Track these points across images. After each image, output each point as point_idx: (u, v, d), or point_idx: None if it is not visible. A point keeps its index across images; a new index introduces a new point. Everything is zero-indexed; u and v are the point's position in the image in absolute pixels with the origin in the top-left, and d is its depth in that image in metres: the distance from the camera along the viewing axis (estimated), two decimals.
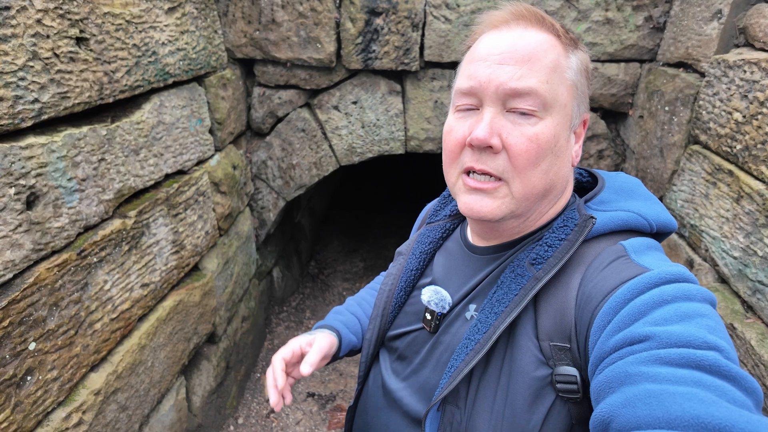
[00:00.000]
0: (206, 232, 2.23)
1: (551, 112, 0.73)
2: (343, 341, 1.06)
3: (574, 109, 0.77)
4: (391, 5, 2.40)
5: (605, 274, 0.68)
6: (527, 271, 0.75)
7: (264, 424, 2.79)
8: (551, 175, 0.76)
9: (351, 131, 2.78)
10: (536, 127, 0.72)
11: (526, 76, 0.71)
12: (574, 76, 0.76)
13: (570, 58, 0.76)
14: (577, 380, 0.68)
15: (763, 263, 1.55)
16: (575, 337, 0.69)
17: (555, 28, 0.76)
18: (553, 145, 0.74)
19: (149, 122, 1.76)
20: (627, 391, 0.54)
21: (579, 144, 0.82)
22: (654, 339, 0.56)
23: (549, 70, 0.73)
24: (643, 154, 2.44)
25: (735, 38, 1.93)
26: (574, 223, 0.76)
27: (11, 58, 1.17)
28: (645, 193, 0.84)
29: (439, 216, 1.04)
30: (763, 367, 1.45)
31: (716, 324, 0.58)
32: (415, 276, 0.98)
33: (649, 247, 0.73)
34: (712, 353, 0.53)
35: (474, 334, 0.76)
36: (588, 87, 0.81)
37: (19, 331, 1.21)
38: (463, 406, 0.76)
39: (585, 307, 0.68)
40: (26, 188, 1.23)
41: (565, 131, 0.76)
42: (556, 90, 0.73)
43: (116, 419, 1.61)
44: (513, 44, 0.73)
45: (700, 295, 0.61)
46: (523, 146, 0.72)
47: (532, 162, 0.72)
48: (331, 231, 4.90)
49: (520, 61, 0.71)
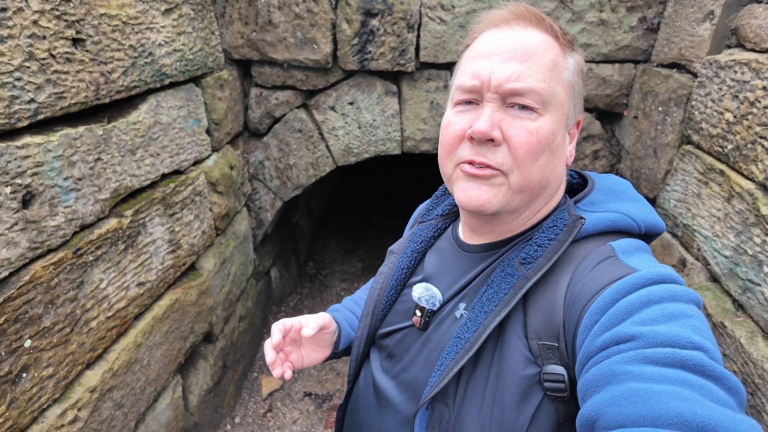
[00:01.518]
0: (203, 232, 2.24)
1: (549, 110, 0.75)
2: (342, 333, 1.08)
3: (570, 109, 0.79)
4: (387, 6, 2.42)
5: (594, 274, 0.70)
6: (517, 270, 0.76)
7: (261, 423, 2.80)
8: (548, 172, 0.78)
9: (348, 132, 2.80)
10: (536, 122, 0.74)
11: (526, 74, 0.73)
12: (571, 76, 0.78)
13: (567, 59, 0.78)
14: (565, 379, 0.69)
15: (753, 262, 1.56)
16: (563, 336, 0.70)
17: (553, 29, 0.78)
18: (551, 141, 0.76)
19: (146, 122, 1.78)
20: (613, 390, 0.55)
21: (573, 145, 0.84)
22: (640, 339, 0.57)
23: (548, 69, 0.74)
24: (638, 154, 2.46)
25: (727, 39, 1.95)
26: (563, 224, 0.77)
27: (8, 58, 1.19)
28: (634, 195, 0.85)
29: (431, 215, 1.05)
30: (752, 365, 1.46)
31: (701, 324, 0.59)
32: (406, 274, 0.99)
33: (637, 248, 0.74)
34: (697, 353, 0.54)
35: (464, 332, 0.77)
36: (582, 88, 0.83)
37: (15, 328, 1.22)
38: (452, 405, 0.77)
39: (573, 306, 0.69)
40: (22, 187, 1.24)
41: (561, 130, 0.78)
42: (554, 88, 0.75)
43: (112, 417, 1.63)
44: (514, 42, 0.75)
45: (686, 296, 0.63)
46: (524, 138, 0.73)
47: (532, 155, 0.74)
48: (330, 231, 4.91)
49: (520, 59, 0.73)
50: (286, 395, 3.02)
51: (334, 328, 1.06)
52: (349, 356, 1.11)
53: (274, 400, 2.97)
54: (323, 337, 1.03)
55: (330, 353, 1.08)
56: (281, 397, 3.00)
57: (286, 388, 3.07)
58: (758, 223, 1.55)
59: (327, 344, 1.06)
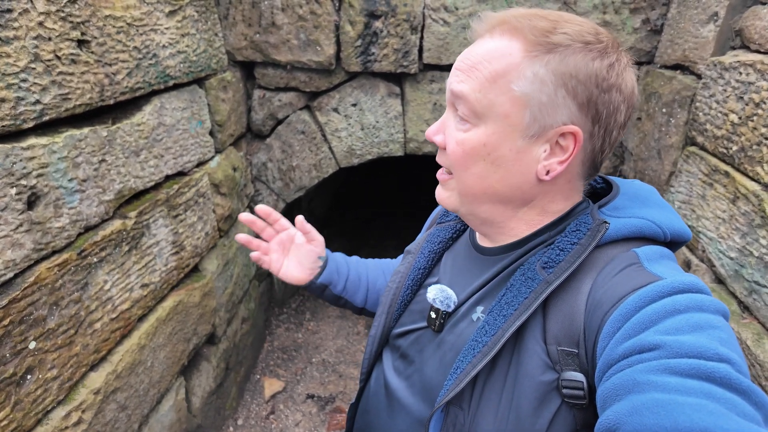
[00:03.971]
0: (206, 233, 2.24)
1: (485, 121, 0.74)
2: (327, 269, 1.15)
3: (527, 120, 0.72)
4: (390, 8, 2.42)
5: (617, 281, 0.68)
6: (538, 274, 0.74)
7: (263, 425, 2.79)
8: (491, 182, 0.77)
9: (350, 133, 2.80)
10: (466, 134, 0.76)
11: (463, 81, 0.76)
12: (528, 86, 0.71)
13: (532, 67, 0.70)
14: (584, 386, 0.68)
15: (759, 264, 1.56)
16: (583, 343, 0.69)
17: (530, 35, 0.71)
18: (484, 153, 0.75)
19: (150, 124, 1.78)
20: (634, 399, 0.53)
21: (562, 159, 0.73)
22: (664, 348, 0.56)
23: (486, 80, 0.73)
24: (641, 155, 2.45)
25: (731, 40, 1.95)
26: (587, 228, 0.75)
27: (13, 60, 1.19)
28: (660, 201, 0.82)
29: (450, 216, 1.04)
30: (759, 367, 1.46)
31: (728, 336, 0.57)
32: (423, 275, 0.98)
33: (662, 255, 0.72)
34: (723, 365, 0.53)
35: (481, 336, 0.75)
36: (575, 96, 0.71)
37: (20, 329, 1.22)
38: (467, 408, 0.76)
39: (595, 312, 0.68)
40: (27, 188, 1.24)
41: (508, 142, 0.73)
42: (493, 100, 0.72)
43: (115, 419, 1.62)
44: (467, 54, 0.77)
45: (713, 307, 0.61)
46: (450, 148, 0.79)
47: (460, 164, 0.78)
48: (332, 232, 4.91)
49: (465, 68, 0.76)
50: (289, 397, 3.01)
51: (324, 257, 1.15)
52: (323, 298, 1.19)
53: (277, 402, 2.97)
54: (309, 254, 1.12)
55: (309, 280, 1.14)
56: (284, 399, 2.99)
57: (288, 390, 3.07)
58: (764, 225, 1.55)
59: (310, 266, 1.13)
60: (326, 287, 1.16)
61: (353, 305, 1.22)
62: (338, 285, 1.17)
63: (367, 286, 1.22)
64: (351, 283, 1.19)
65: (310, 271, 1.13)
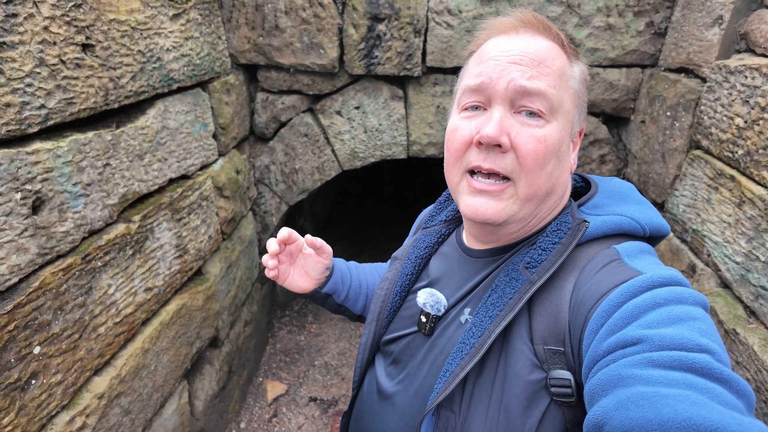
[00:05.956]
0: (209, 237, 2.24)
1: (557, 117, 0.75)
2: (332, 279, 1.14)
3: (575, 117, 0.80)
4: (394, 11, 2.42)
5: (598, 278, 0.69)
6: (521, 274, 0.75)
7: (266, 428, 2.79)
8: (554, 179, 0.77)
9: (353, 136, 2.80)
10: (544, 129, 0.74)
11: (537, 77, 0.73)
12: (576, 85, 0.79)
13: (573, 67, 0.79)
14: (572, 384, 0.69)
15: (766, 268, 1.55)
16: (569, 341, 0.70)
17: (560, 37, 0.79)
18: (557, 148, 0.76)
19: (153, 127, 1.78)
20: (620, 394, 0.54)
21: (575, 152, 0.85)
22: (647, 342, 0.57)
23: (556, 75, 0.75)
24: (645, 159, 2.45)
25: (736, 44, 1.94)
26: (567, 227, 0.77)
27: (19, 64, 1.19)
28: (638, 198, 0.85)
29: (434, 221, 1.05)
30: (766, 373, 1.45)
31: (708, 327, 0.59)
32: (411, 280, 0.99)
33: (642, 251, 0.73)
34: (704, 356, 0.54)
35: (469, 338, 0.76)
36: (586, 97, 0.84)
37: (24, 334, 1.22)
38: (458, 410, 0.76)
39: (578, 310, 0.69)
40: (32, 193, 1.24)
41: (567, 137, 0.78)
42: (562, 96, 0.75)
43: (119, 423, 1.62)
44: (523, 48, 0.75)
45: (692, 299, 0.62)
46: (532, 146, 0.73)
47: (540, 163, 0.74)
48: (334, 235, 4.90)
49: (530, 63, 0.73)
50: (291, 400, 3.01)
51: (330, 266, 1.14)
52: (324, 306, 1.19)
53: (279, 405, 2.96)
54: (316, 265, 1.10)
55: (313, 289, 1.13)
56: (286, 402, 2.99)
57: (291, 393, 3.06)
58: None
59: (315, 276, 1.12)
60: (329, 296, 1.15)
61: (352, 312, 1.21)
62: (341, 294, 1.16)
63: (367, 293, 1.22)
64: (353, 291, 1.19)
65: (316, 281, 1.13)
